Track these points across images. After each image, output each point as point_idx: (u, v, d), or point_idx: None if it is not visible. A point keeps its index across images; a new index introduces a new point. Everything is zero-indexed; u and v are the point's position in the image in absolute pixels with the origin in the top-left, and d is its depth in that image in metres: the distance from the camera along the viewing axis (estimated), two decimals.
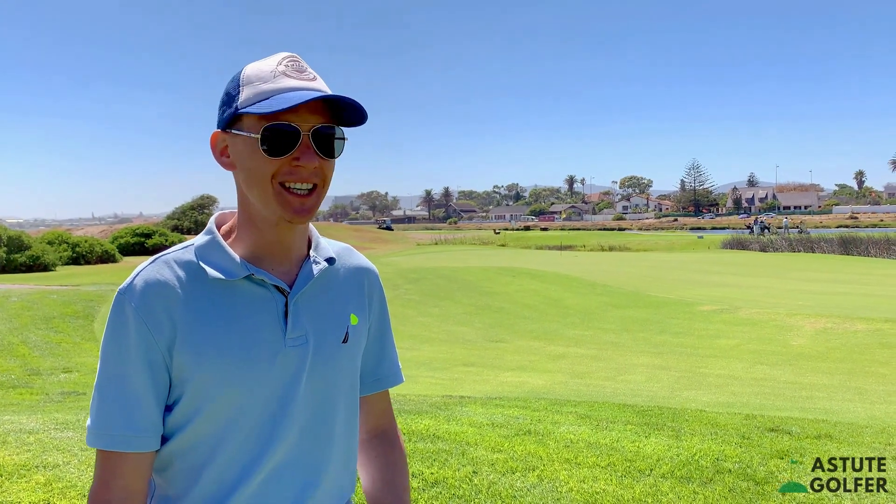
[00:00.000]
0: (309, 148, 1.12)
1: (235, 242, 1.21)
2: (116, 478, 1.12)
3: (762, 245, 37.47)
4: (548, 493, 3.58)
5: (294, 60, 1.16)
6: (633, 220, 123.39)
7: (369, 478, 1.37)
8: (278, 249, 1.21)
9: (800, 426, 5.06)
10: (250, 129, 1.12)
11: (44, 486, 3.46)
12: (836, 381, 8.58)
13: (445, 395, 6.86)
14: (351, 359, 1.27)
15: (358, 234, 64.53)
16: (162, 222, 56.10)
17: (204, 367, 1.12)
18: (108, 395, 1.12)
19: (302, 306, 1.21)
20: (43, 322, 12.19)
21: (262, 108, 1.09)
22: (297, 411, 1.18)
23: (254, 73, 1.15)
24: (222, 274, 1.15)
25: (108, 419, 1.12)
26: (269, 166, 1.12)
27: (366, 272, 1.37)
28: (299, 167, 1.12)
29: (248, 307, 1.17)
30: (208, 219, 6.88)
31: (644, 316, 14.48)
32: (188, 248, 1.20)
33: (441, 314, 16.05)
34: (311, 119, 1.12)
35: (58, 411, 5.78)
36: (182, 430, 1.15)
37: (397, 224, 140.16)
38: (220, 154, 1.19)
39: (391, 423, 1.45)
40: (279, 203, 1.13)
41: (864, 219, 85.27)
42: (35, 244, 31.93)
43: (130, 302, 1.12)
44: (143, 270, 1.16)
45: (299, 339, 1.19)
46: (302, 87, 1.12)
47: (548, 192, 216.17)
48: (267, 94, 1.11)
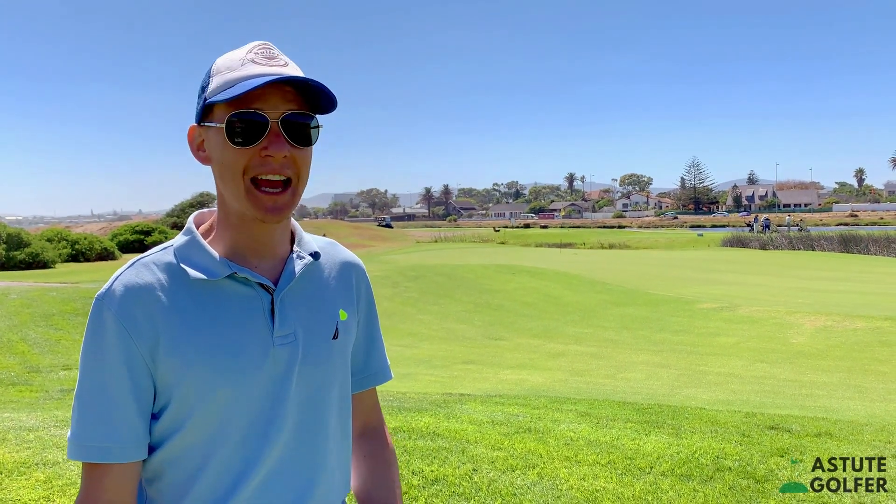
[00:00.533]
0: (279, 136, 1.08)
1: (215, 241, 1.18)
2: (101, 491, 1.08)
3: (762, 243, 37.45)
4: (548, 491, 3.58)
5: (265, 48, 1.13)
6: (633, 217, 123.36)
7: (360, 475, 1.35)
8: (259, 246, 1.17)
9: (800, 424, 5.06)
10: (219, 120, 1.10)
11: (44, 484, 3.46)
12: (836, 378, 8.58)
13: (445, 393, 6.86)
14: (342, 355, 1.25)
15: (357, 231, 64.51)
16: (161, 220, 56.07)
17: (190, 371, 1.09)
18: (88, 406, 1.09)
19: (289, 303, 1.17)
20: (42, 319, 12.18)
21: (225, 95, 1.07)
22: (289, 410, 1.15)
23: (223, 62, 1.12)
24: (204, 274, 1.12)
25: (88, 430, 1.08)
26: (238, 159, 1.08)
27: (352, 266, 1.33)
28: (269, 157, 1.08)
29: (232, 307, 1.13)
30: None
31: (644, 314, 14.48)
32: (167, 249, 1.17)
33: (440, 312, 16.04)
34: (281, 106, 1.09)
35: (57, 409, 5.77)
36: (171, 437, 1.12)
37: (397, 222, 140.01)
38: (197, 149, 1.17)
39: (379, 420, 1.42)
40: (250, 202, 1.09)
41: (864, 217, 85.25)
42: (34, 241, 31.96)
43: (110, 308, 1.09)
44: (122, 275, 1.13)
45: (288, 337, 1.15)
46: (269, 73, 1.08)
47: (548, 189, 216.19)
48: (233, 81, 1.08)
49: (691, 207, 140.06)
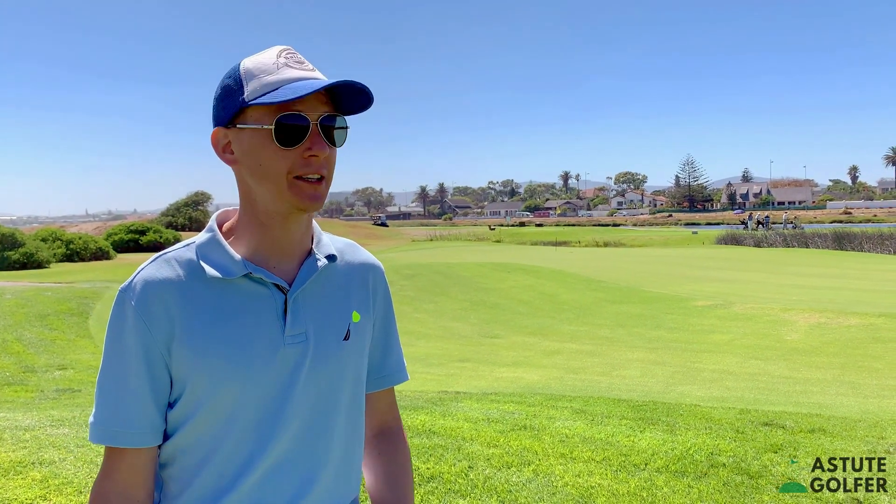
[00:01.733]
0: (319, 137, 1.13)
1: (237, 240, 1.21)
2: (115, 471, 1.15)
3: (756, 240, 37.54)
4: (543, 488, 3.60)
5: (291, 53, 1.17)
6: (627, 215, 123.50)
7: (373, 476, 1.37)
8: (282, 246, 1.21)
9: (794, 420, 5.09)
10: (260, 122, 1.13)
11: (40, 483, 3.46)
12: (830, 375, 8.63)
13: (441, 391, 6.88)
14: (353, 356, 1.26)
15: (353, 230, 64.52)
16: (156, 219, 56.00)
17: (201, 364, 1.13)
18: (107, 393, 1.15)
19: (302, 304, 1.20)
20: (37, 319, 12.16)
21: (275, 98, 1.10)
22: (296, 409, 1.18)
23: (255, 66, 1.15)
24: (220, 273, 1.16)
25: (106, 415, 1.14)
26: (283, 160, 1.12)
27: (370, 268, 1.36)
28: (312, 157, 1.13)
29: (246, 305, 1.17)
30: (203, 215, 6.94)
31: (639, 311, 14.51)
32: (190, 245, 1.21)
33: (436, 310, 16.06)
34: (318, 108, 1.13)
35: (53, 408, 5.77)
36: (182, 427, 1.16)
37: (392, 220, 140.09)
38: (223, 151, 1.19)
39: (396, 420, 1.44)
40: (294, 193, 1.13)
41: (858, 214, 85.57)
42: (29, 241, 31.83)
43: (130, 300, 1.14)
44: (145, 269, 1.17)
45: (298, 337, 1.18)
46: (307, 77, 1.13)
47: (543, 188, 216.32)
48: (275, 84, 1.12)
49: (686, 205, 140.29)
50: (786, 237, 37.19)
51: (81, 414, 5.06)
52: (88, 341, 11.37)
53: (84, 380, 8.57)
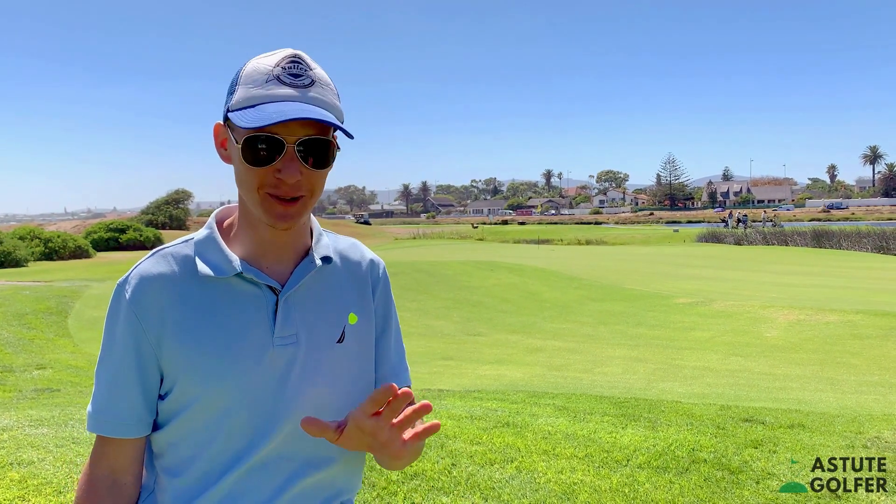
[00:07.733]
0: (293, 160, 1.08)
1: (235, 238, 1.21)
2: (103, 457, 1.19)
3: (737, 238, 37.88)
4: (526, 485, 3.61)
5: (295, 62, 1.12)
6: (609, 213, 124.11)
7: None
8: (275, 248, 1.20)
9: (773, 416, 5.14)
10: (236, 135, 1.11)
11: (18, 483, 3.42)
12: (809, 371, 8.71)
13: (424, 389, 6.88)
14: (349, 358, 1.24)
15: (335, 228, 63.87)
16: (136, 217, 55.35)
17: (190, 361, 1.13)
18: (101, 383, 1.18)
19: (293, 305, 1.19)
20: (15, 318, 12.00)
21: (242, 120, 1.07)
22: (286, 410, 1.17)
23: (250, 72, 1.12)
24: (213, 271, 1.16)
25: (99, 405, 1.18)
26: (254, 176, 1.10)
27: (371, 268, 1.34)
28: (281, 181, 1.09)
29: (237, 305, 1.16)
30: (183, 213, 6.90)
31: (620, 309, 14.59)
32: (189, 241, 1.21)
33: (419, 308, 16.04)
34: (298, 131, 1.09)
35: (31, 408, 5.70)
36: (174, 419, 1.17)
37: (375, 219, 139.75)
38: (220, 145, 1.19)
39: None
40: (264, 209, 1.12)
41: (836, 212, 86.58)
42: (6, 239, 31.35)
43: (125, 294, 1.15)
44: (142, 263, 1.18)
45: (289, 339, 1.17)
46: (290, 98, 1.08)
47: (525, 186, 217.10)
48: (255, 100, 1.08)
49: (667, 203, 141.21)
50: (765, 235, 37.54)
51: (60, 414, 5.00)
52: (67, 340, 11.23)
53: (63, 379, 8.47)
